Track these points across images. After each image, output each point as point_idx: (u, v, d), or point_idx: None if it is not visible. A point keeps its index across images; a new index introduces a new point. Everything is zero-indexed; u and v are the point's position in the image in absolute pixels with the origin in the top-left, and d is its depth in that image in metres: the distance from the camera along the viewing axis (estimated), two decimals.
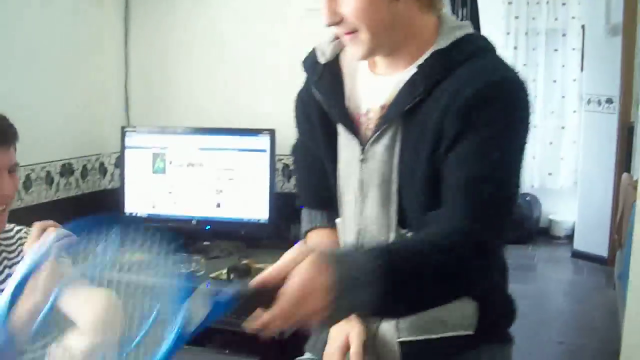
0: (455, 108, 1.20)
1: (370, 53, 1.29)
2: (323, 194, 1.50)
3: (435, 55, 1.26)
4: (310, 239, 1.55)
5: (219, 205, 2.72)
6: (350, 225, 1.41)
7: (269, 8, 2.89)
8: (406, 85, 1.27)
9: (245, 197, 2.69)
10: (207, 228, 2.77)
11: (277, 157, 2.74)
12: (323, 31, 1.35)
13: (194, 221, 2.76)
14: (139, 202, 2.81)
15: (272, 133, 2.65)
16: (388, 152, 1.30)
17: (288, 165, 2.87)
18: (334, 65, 1.40)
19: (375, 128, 1.32)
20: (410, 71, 1.28)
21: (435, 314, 1.30)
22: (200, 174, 2.74)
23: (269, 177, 2.66)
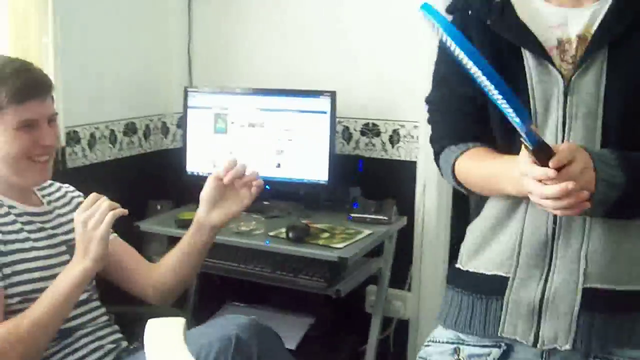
0: None
1: None
2: (476, 131, 1.43)
3: None
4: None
5: (279, 165, 2.74)
6: None
7: None
8: (609, 12, 1.26)
9: (305, 159, 2.70)
10: (267, 188, 2.78)
11: (338, 120, 2.73)
12: None
13: None
14: (200, 162, 2.84)
15: (333, 95, 2.64)
16: (595, 84, 1.28)
17: (348, 128, 2.86)
18: (507, 1, 1.36)
19: (580, 59, 1.29)
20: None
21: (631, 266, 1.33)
22: (261, 135, 2.75)
23: (329, 139, 2.65)
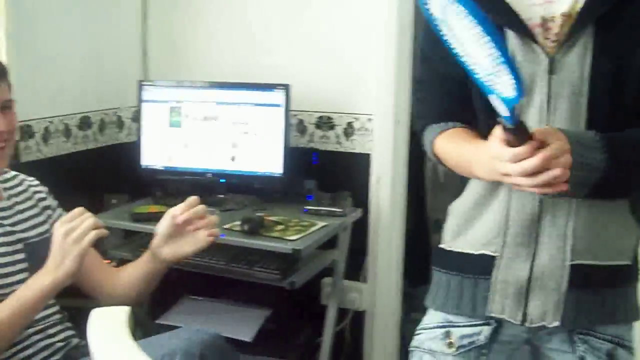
0: None
1: None
2: (458, 110, 1.42)
3: None
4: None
5: (233, 158, 2.76)
6: None
7: None
8: None
9: (260, 151, 2.72)
10: (222, 181, 2.81)
11: (292, 113, 2.76)
12: None
13: (209, 174, 2.80)
14: (155, 156, 2.85)
15: (287, 88, 2.67)
16: (580, 63, 1.26)
17: (302, 121, 2.90)
18: None
19: (565, 37, 1.27)
20: None
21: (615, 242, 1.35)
22: (215, 128, 2.77)
23: (284, 132, 2.68)
